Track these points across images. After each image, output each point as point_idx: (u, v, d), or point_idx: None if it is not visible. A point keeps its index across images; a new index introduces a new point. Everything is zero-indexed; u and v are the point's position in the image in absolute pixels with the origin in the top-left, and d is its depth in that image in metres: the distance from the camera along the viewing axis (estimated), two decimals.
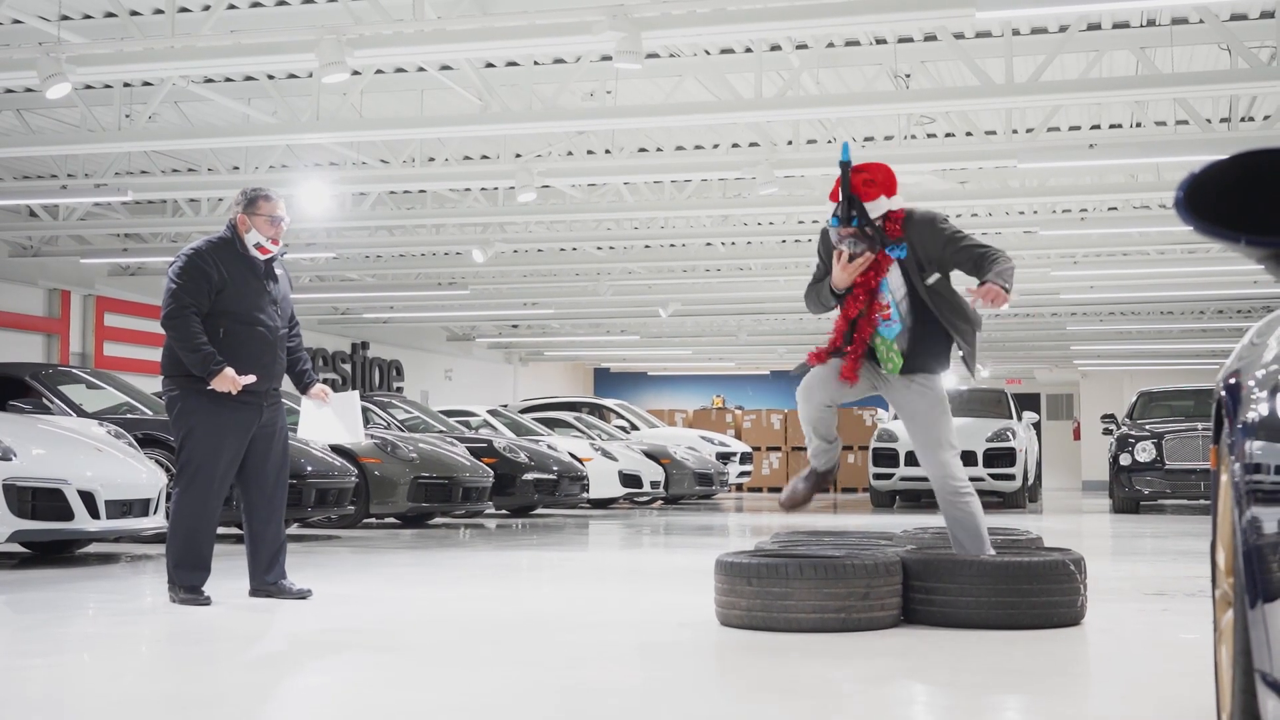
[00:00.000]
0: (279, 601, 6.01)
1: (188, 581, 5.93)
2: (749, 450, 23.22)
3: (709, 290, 21.55)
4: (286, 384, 6.41)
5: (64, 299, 18.09)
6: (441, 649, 4.69)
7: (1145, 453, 15.65)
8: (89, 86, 11.29)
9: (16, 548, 8.73)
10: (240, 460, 6.08)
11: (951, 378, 8.25)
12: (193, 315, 5.92)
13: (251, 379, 5.96)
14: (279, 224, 6.17)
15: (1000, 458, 16.78)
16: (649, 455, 17.63)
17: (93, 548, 9.07)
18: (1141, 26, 9.74)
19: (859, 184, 5.36)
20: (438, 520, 13.78)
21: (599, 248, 18.21)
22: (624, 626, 5.34)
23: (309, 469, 9.94)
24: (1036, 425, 20.41)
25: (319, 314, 23.63)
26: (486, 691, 3.83)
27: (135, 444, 8.90)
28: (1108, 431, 17.77)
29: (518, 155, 12.91)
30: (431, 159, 13.17)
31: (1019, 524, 10.84)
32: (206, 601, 5.89)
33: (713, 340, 28.65)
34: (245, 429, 6.05)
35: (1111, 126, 12.51)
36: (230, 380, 5.87)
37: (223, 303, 6.00)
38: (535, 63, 10.83)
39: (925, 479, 17.23)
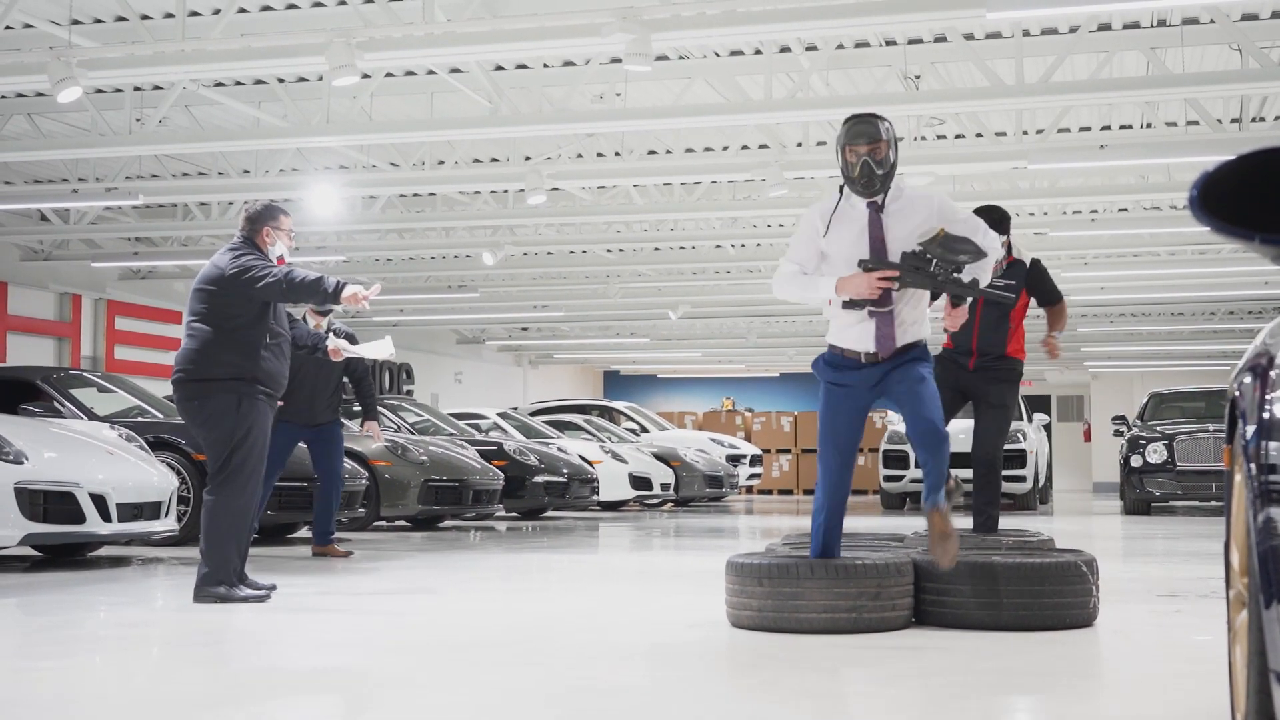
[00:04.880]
0: (286, 603, 6.02)
1: (236, 579, 6.05)
2: (759, 453, 23.20)
3: (719, 292, 21.55)
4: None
5: (75, 303, 18.13)
6: (451, 650, 4.69)
7: (1156, 454, 15.60)
8: (99, 90, 11.33)
9: (28, 551, 8.75)
10: None
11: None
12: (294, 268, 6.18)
13: (379, 287, 6.23)
14: (293, 236, 6.51)
15: (1011, 459, 16.74)
16: (659, 458, 17.62)
17: (104, 551, 9.08)
18: (1152, 27, 9.72)
19: None
20: (448, 523, 13.78)
21: (609, 250, 18.21)
22: (634, 627, 5.33)
23: None
24: (1047, 427, 20.37)
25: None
26: (495, 691, 3.83)
27: (146, 447, 8.92)
28: (1119, 433, 17.73)
29: (527, 158, 12.91)
30: (441, 162, 13.18)
31: (1030, 525, 10.81)
32: (273, 587, 6.18)
33: (722, 342, 28.63)
34: (270, 431, 6.32)
35: (1122, 127, 12.49)
36: (357, 295, 6.06)
37: (260, 311, 6.15)
38: (545, 65, 10.84)
39: None
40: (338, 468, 8.93)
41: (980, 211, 6.49)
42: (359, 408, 9.95)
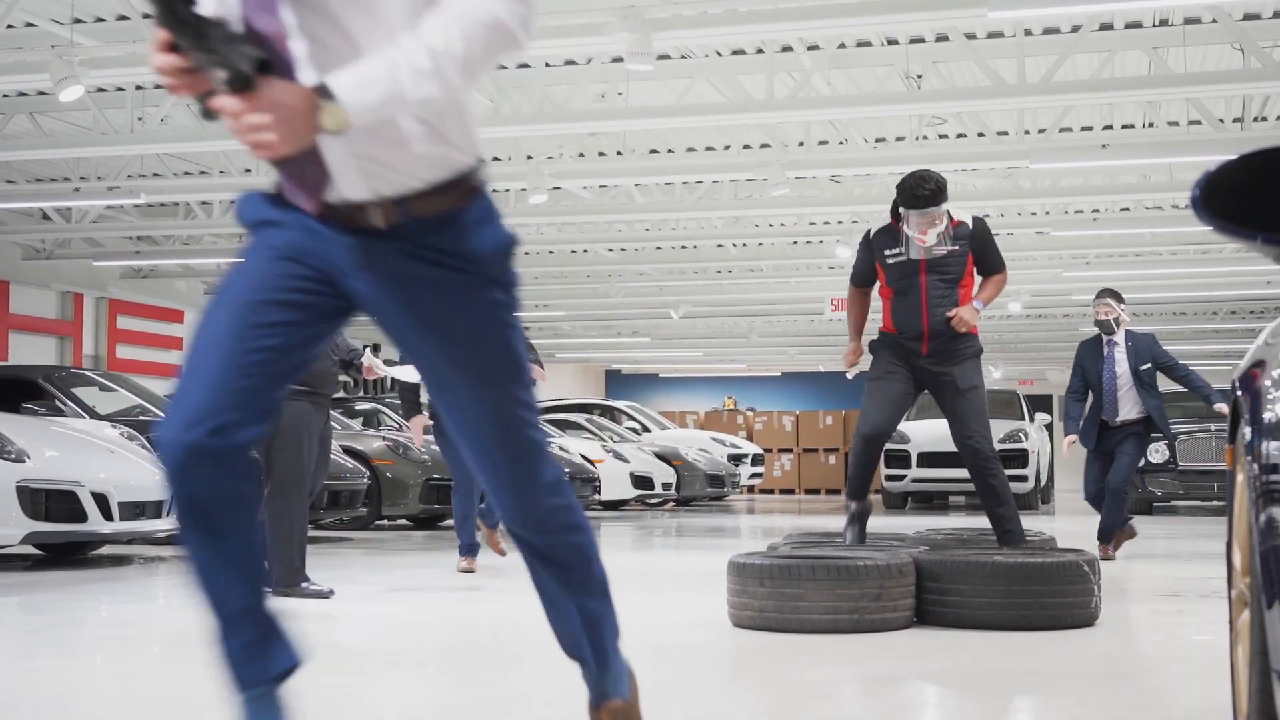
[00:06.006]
0: (290, 603, 6.03)
1: (299, 580, 6.22)
2: (761, 452, 23.18)
3: (720, 292, 21.52)
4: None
5: (76, 301, 18.12)
6: (451, 650, 4.69)
7: (1158, 454, 15.60)
8: (101, 89, 11.31)
9: (30, 549, 8.75)
10: None
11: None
12: None
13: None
14: None
15: (1012, 459, 16.73)
16: (660, 457, 17.61)
17: (106, 549, 9.09)
18: (1154, 26, 9.71)
19: None
20: (449, 522, 13.76)
21: (610, 249, 18.20)
22: (635, 627, 5.30)
23: None
24: (1048, 426, 20.35)
25: None
26: (496, 692, 3.83)
27: (148, 446, 8.92)
28: None
29: (529, 157, 12.91)
30: None
31: (1032, 525, 10.80)
32: (331, 593, 6.25)
33: (724, 342, 28.61)
34: (317, 430, 6.39)
35: (1124, 127, 12.47)
36: None
37: None
38: (546, 64, 10.83)
39: (937, 480, 16.54)
40: None
41: (912, 178, 5.89)
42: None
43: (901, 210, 5.92)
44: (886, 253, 6.03)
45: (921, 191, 5.82)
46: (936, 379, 5.98)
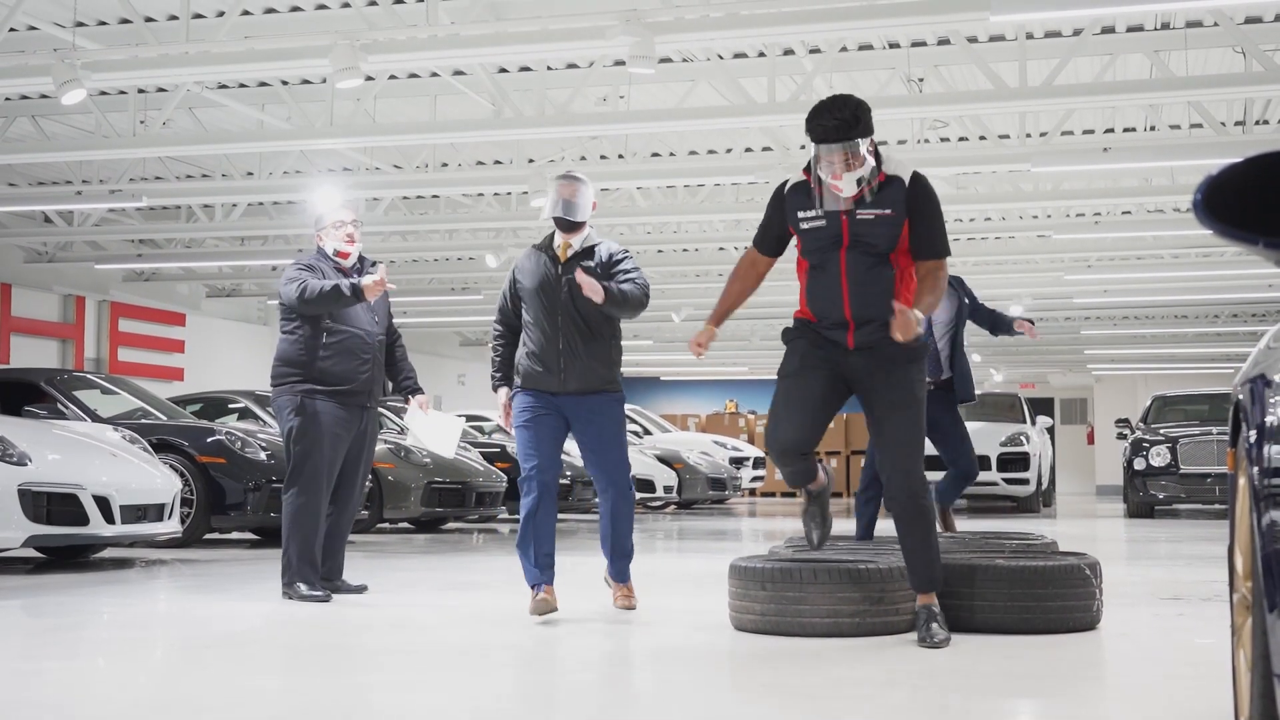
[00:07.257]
0: (292, 605, 6.03)
1: (308, 579, 6.22)
2: (762, 455, 23.17)
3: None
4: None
5: (79, 304, 18.14)
6: (453, 652, 4.69)
7: (1160, 457, 15.60)
8: (104, 93, 11.34)
9: (32, 552, 8.75)
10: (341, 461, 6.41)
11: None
12: (311, 280, 6.22)
13: (384, 267, 6.27)
14: (344, 227, 6.51)
15: (1014, 462, 16.75)
16: (662, 460, 17.62)
17: (107, 552, 9.09)
18: (1156, 30, 9.72)
19: None
20: (451, 525, 13.78)
21: None
22: (637, 630, 5.33)
23: None
24: (1050, 430, 20.36)
25: None
26: (498, 694, 3.83)
27: (149, 449, 8.93)
28: (1122, 436, 17.72)
29: (530, 160, 12.92)
30: (445, 164, 13.19)
31: (1033, 528, 10.80)
32: (328, 598, 6.19)
33: (726, 345, 28.61)
34: (351, 431, 6.37)
35: (1125, 130, 12.48)
36: (375, 286, 6.10)
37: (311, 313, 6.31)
38: (548, 67, 10.84)
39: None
40: (619, 462, 5.84)
41: (823, 104, 4.69)
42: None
43: (812, 149, 4.65)
44: (800, 215, 4.80)
45: (829, 120, 4.56)
46: (865, 382, 4.74)
